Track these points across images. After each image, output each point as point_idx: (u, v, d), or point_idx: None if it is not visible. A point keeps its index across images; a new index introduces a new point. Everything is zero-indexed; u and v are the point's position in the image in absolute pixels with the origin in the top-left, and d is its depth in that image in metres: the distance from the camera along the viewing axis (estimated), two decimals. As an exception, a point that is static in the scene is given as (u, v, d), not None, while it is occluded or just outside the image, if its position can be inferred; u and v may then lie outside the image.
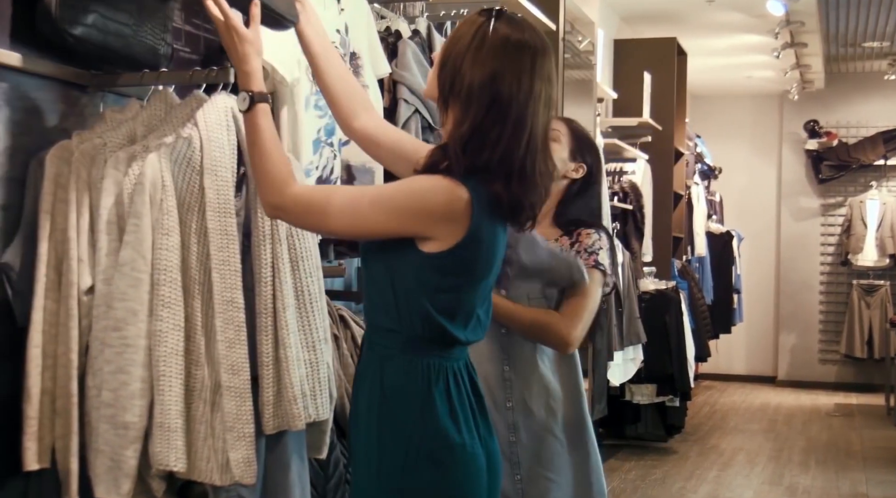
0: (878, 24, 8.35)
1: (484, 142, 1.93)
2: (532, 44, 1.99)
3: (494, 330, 2.71)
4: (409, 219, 1.91)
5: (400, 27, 3.31)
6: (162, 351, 2.07)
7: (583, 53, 5.75)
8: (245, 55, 1.99)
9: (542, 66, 1.99)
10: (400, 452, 1.96)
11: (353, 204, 1.92)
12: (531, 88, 1.96)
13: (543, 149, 2.00)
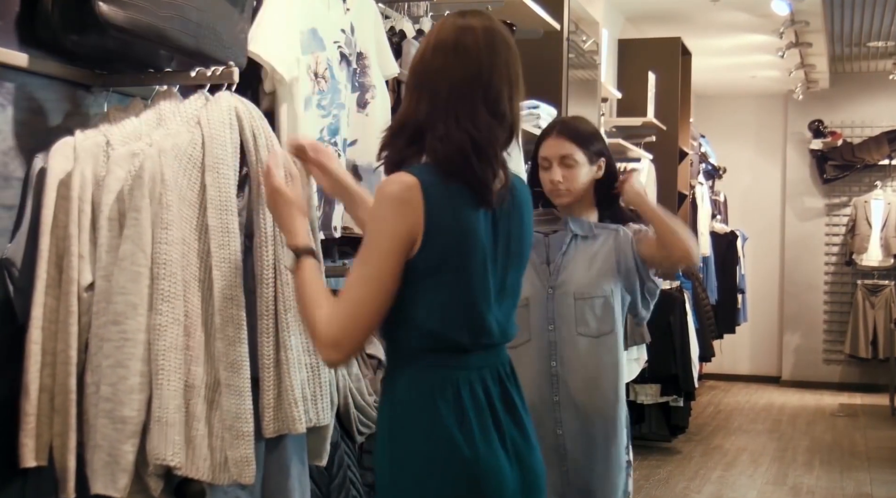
0: (884, 24, 8.33)
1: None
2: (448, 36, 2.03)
3: (542, 326, 2.94)
4: (395, 246, 1.93)
5: (404, 27, 3.31)
6: (161, 345, 2.07)
7: (587, 53, 5.75)
8: (289, 215, 2.10)
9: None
10: (410, 467, 1.97)
11: (364, 282, 1.94)
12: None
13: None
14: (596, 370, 2.93)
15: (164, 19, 2.19)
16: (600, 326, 2.94)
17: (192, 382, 2.12)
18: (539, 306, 2.95)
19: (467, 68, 1.99)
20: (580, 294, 2.93)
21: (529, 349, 2.94)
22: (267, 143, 2.27)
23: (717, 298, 9.33)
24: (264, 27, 2.53)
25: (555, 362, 2.92)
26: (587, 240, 2.99)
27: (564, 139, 2.96)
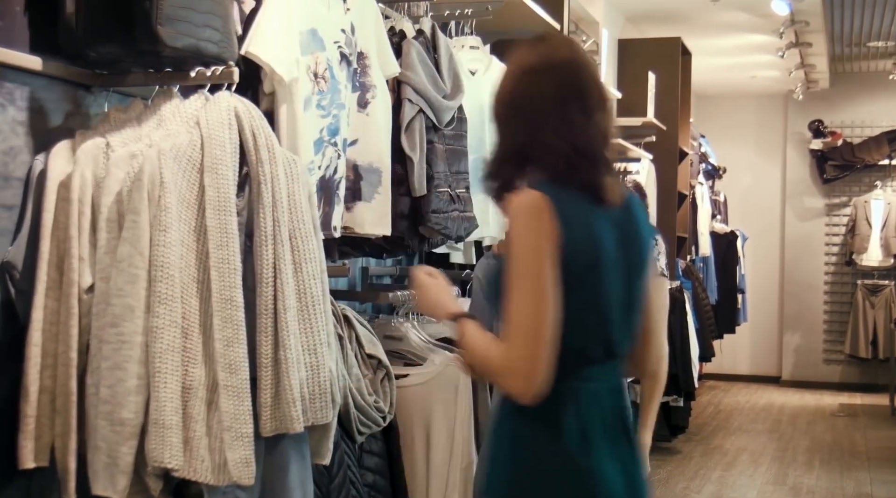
0: (884, 24, 8.33)
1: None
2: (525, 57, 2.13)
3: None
4: (544, 256, 1.95)
5: (404, 27, 3.31)
6: (158, 347, 2.07)
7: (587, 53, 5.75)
8: (436, 296, 2.21)
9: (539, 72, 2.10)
10: (529, 474, 2.01)
11: (527, 302, 1.95)
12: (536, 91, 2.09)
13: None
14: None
15: (199, 32, 2.23)
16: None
17: (189, 384, 2.12)
18: None
19: (557, 83, 2.07)
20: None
21: None
22: (267, 143, 2.27)
23: (717, 298, 9.33)
24: (264, 28, 2.53)
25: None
26: None
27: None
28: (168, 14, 2.14)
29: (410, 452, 3.18)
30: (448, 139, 3.32)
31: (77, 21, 2.19)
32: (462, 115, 3.41)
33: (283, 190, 2.27)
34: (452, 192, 3.29)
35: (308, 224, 2.33)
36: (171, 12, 2.14)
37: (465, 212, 3.36)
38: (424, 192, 3.16)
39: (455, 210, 3.29)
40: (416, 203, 3.17)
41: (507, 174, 2.11)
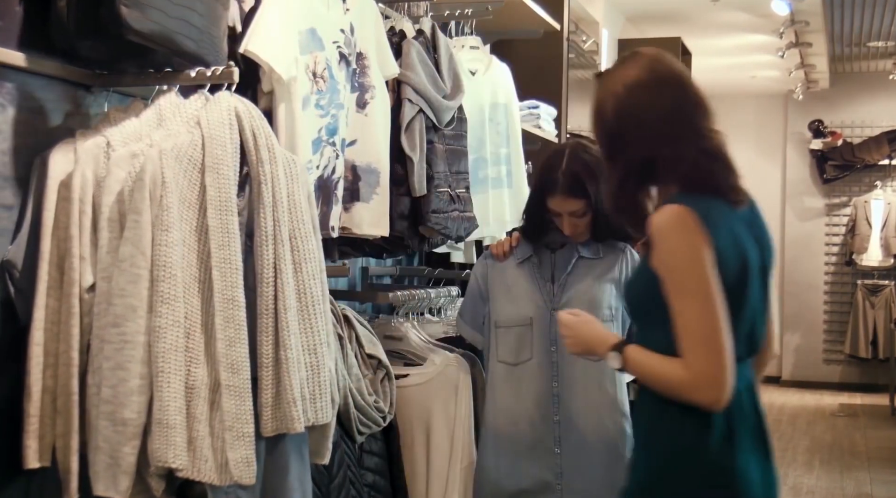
0: (884, 24, 8.33)
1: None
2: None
3: (545, 346, 2.95)
4: (705, 267, 2.02)
5: (404, 27, 3.31)
6: (161, 347, 2.07)
7: (587, 53, 5.75)
8: (588, 333, 2.28)
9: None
10: (673, 469, 2.08)
11: (701, 313, 2.00)
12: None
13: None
14: (597, 394, 2.94)
15: (174, 24, 2.20)
16: None
17: (192, 384, 2.12)
18: (542, 326, 2.95)
19: (676, 93, 2.14)
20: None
21: (531, 368, 2.96)
22: (267, 143, 2.27)
23: (717, 297, 9.32)
24: (262, 27, 2.53)
25: (556, 383, 2.94)
26: (593, 261, 3.00)
27: (571, 197, 2.90)
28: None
29: (410, 452, 3.18)
30: (448, 139, 3.32)
31: (68, 15, 2.18)
32: (462, 116, 3.41)
33: (283, 190, 2.28)
34: (452, 192, 3.29)
35: (308, 224, 2.33)
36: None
37: (465, 212, 3.37)
38: (424, 192, 3.16)
39: (455, 210, 3.29)
40: (416, 203, 3.17)
41: (632, 190, 2.17)
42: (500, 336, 3.00)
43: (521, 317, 2.98)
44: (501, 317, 3.01)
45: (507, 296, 3.02)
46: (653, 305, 2.09)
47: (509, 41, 4.45)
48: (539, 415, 2.93)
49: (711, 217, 2.05)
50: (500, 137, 3.85)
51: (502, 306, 3.02)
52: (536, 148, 4.26)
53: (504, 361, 2.98)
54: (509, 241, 3.09)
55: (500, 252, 3.07)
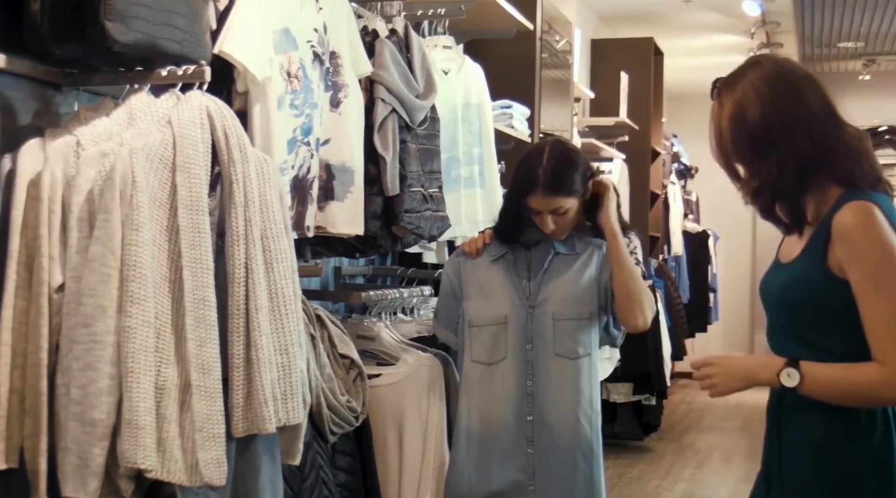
0: (853, 25, 8.41)
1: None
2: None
3: (520, 345, 2.92)
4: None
5: (377, 26, 3.30)
6: (130, 347, 2.06)
7: (560, 53, 5.76)
8: (743, 369, 2.30)
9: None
10: (839, 474, 2.13)
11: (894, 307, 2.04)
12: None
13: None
14: (572, 393, 2.93)
15: (157, 30, 2.20)
16: (578, 349, 2.94)
17: (162, 384, 2.11)
18: (518, 325, 2.94)
19: (815, 92, 2.22)
20: (559, 315, 2.93)
21: (506, 367, 2.94)
22: (239, 143, 2.27)
23: (689, 297, 9.38)
24: (237, 27, 2.52)
25: (530, 381, 2.92)
26: (569, 257, 2.99)
27: (553, 196, 2.90)
28: (119, 9, 2.11)
29: (383, 452, 3.18)
30: (421, 139, 3.32)
31: (42, 19, 2.17)
32: (435, 115, 3.41)
33: (255, 190, 2.27)
34: (425, 191, 3.29)
35: (279, 224, 2.33)
36: (123, 8, 2.11)
37: (438, 211, 3.37)
38: (397, 191, 3.16)
39: (428, 209, 3.30)
40: (388, 203, 3.17)
41: (790, 190, 2.16)
42: (475, 335, 2.98)
43: (496, 315, 2.96)
44: (476, 316, 2.99)
45: (482, 294, 3.00)
46: (825, 308, 2.12)
47: (482, 41, 4.45)
48: (512, 415, 2.93)
49: (892, 212, 2.10)
50: (473, 137, 3.86)
51: (476, 305, 3.00)
52: (509, 147, 4.27)
53: (478, 360, 2.97)
54: (482, 238, 3.06)
55: (472, 249, 3.04)
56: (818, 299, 2.13)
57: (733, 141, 2.22)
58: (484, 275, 3.01)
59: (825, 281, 2.11)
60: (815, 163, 2.15)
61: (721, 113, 2.25)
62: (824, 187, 2.15)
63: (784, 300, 2.22)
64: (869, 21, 8.24)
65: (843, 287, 2.09)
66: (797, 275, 2.19)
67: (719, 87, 2.27)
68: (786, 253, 2.28)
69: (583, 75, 7.28)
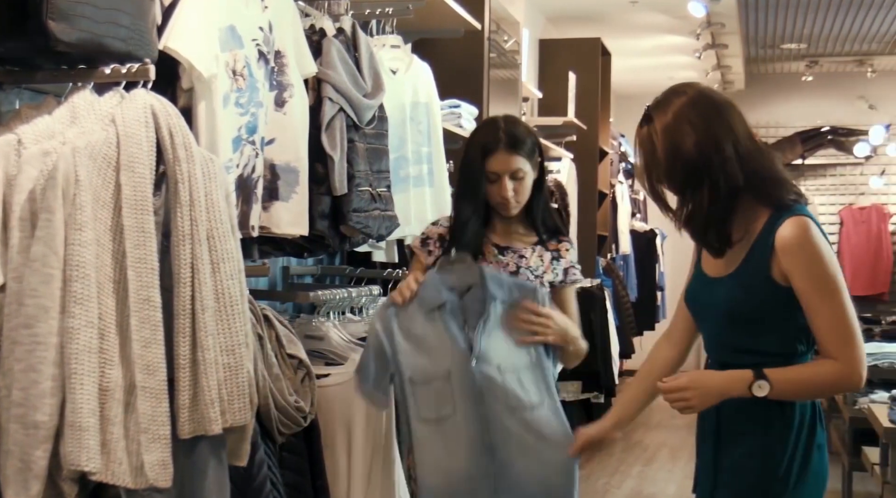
0: (796, 27, 8.53)
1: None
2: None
3: (470, 397, 2.71)
4: (838, 269, 2.29)
5: (325, 25, 3.29)
6: (73, 348, 2.03)
7: (508, 53, 5.78)
8: (717, 386, 2.33)
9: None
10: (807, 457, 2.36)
11: (847, 312, 2.25)
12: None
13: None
14: (537, 443, 2.72)
15: (102, 28, 2.17)
16: (532, 398, 2.74)
17: (106, 386, 2.09)
18: (463, 379, 2.72)
19: (739, 119, 2.32)
20: (505, 367, 2.73)
21: (457, 423, 2.72)
22: (184, 142, 2.25)
23: (636, 295, 9.46)
24: (182, 23, 2.50)
25: (487, 434, 2.71)
26: (506, 304, 2.78)
27: (514, 154, 2.84)
28: (62, 9, 2.08)
29: (332, 452, 3.17)
30: (369, 138, 3.31)
31: None
32: (383, 114, 3.41)
33: (201, 189, 2.25)
34: (373, 190, 3.29)
35: (226, 223, 2.31)
36: (66, 7, 2.08)
37: (387, 211, 3.37)
38: (345, 191, 3.15)
39: (376, 209, 3.29)
40: (336, 202, 3.16)
41: (721, 215, 2.31)
42: (417, 393, 2.74)
43: (438, 371, 2.73)
44: (415, 372, 2.74)
45: (419, 348, 2.75)
46: (768, 314, 2.31)
47: (430, 40, 4.46)
48: (475, 467, 2.72)
49: (817, 221, 2.28)
50: (422, 136, 3.86)
51: (414, 360, 2.75)
52: (458, 147, 4.27)
53: (426, 418, 2.74)
54: (412, 281, 2.80)
55: (403, 298, 2.77)
56: (764, 307, 2.32)
57: (668, 170, 2.33)
58: (419, 327, 2.76)
59: (769, 290, 2.30)
60: (744, 188, 2.29)
61: (651, 141, 2.36)
62: (751, 207, 2.32)
63: (733, 310, 2.37)
64: (811, 23, 8.37)
65: (784, 294, 2.28)
66: (743, 286, 2.35)
67: (649, 113, 2.39)
68: (714, 267, 2.43)
69: (531, 75, 7.31)
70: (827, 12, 7.98)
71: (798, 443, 2.33)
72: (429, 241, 3.01)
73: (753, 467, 2.35)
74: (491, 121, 3.00)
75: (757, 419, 2.35)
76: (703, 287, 2.47)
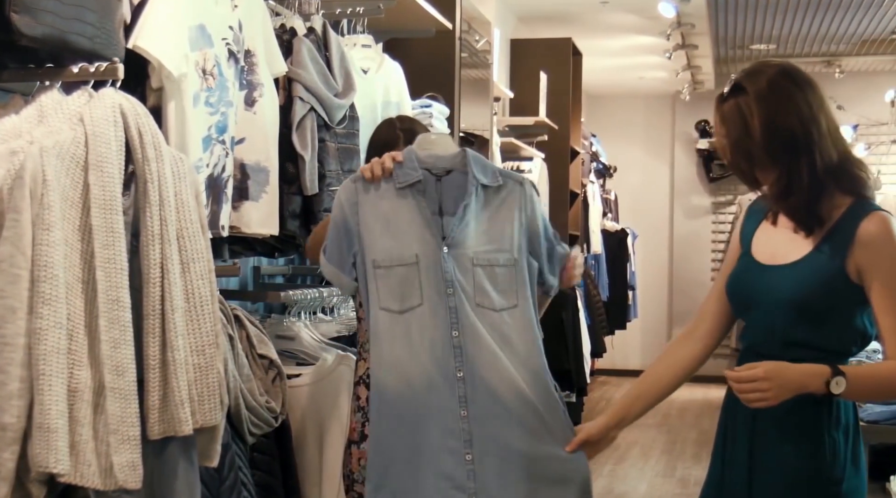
0: (766, 27, 8.59)
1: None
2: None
3: (438, 289, 2.44)
4: None
5: (295, 25, 3.29)
6: (42, 349, 2.02)
7: (480, 52, 5.79)
8: (792, 380, 2.18)
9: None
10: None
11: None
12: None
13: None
14: (505, 351, 2.43)
15: (67, 24, 2.15)
16: (503, 300, 2.47)
17: (75, 387, 2.07)
18: (432, 267, 2.44)
19: (824, 99, 2.26)
20: (479, 260, 2.47)
21: (422, 315, 2.43)
22: (153, 141, 2.24)
23: (608, 294, 9.49)
24: (151, 22, 2.48)
25: (456, 332, 2.41)
26: (490, 190, 2.52)
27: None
28: (26, 2, 2.06)
29: (303, 452, 3.16)
30: (340, 138, 3.31)
31: None
32: (354, 114, 3.41)
33: (170, 189, 2.24)
34: (345, 190, 3.27)
35: (195, 223, 2.30)
36: (30, 1, 2.07)
37: (358, 210, 3.35)
38: (316, 190, 3.15)
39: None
40: (307, 202, 3.15)
41: (819, 191, 2.23)
42: (380, 278, 2.44)
43: (405, 255, 2.45)
44: (380, 255, 2.45)
45: (386, 229, 2.47)
46: (832, 308, 2.22)
47: (402, 40, 4.45)
48: (438, 371, 2.40)
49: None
50: (393, 136, 3.85)
51: (381, 242, 2.46)
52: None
53: (387, 308, 2.43)
54: (389, 158, 2.51)
55: (376, 174, 2.49)
56: (830, 298, 2.23)
57: (766, 142, 2.24)
58: (388, 205, 2.48)
59: (840, 282, 2.21)
60: (836, 168, 2.23)
61: (741, 114, 2.27)
62: (832, 193, 2.24)
63: (797, 298, 2.25)
64: (780, 24, 8.42)
65: (851, 290, 2.21)
66: (813, 273, 2.25)
67: (740, 83, 2.29)
68: (770, 255, 2.33)
69: (502, 75, 7.32)
70: (795, 13, 8.04)
71: (847, 443, 2.26)
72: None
73: (802, 468, 2.26)
74: (384, 124, 3.07)
75: (804, 417, 2.25)
76: (757, 274, 2.33)
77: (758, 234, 2.37)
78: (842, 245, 2.20)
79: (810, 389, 2.16)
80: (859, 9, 7.89)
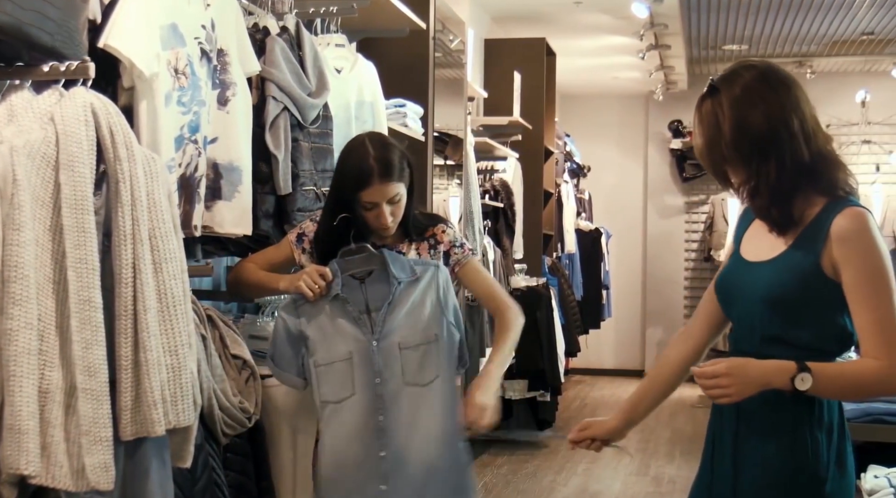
0: (738, 28, 8.64)
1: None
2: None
3: (368, 380, 2.82)
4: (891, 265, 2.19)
5: (268, 24, 3.28)
6: (12, 350, 2.00)
7: (454, 52, 5.79)
8: (756, 376, 2.17)
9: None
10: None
11: (889, 308, 2.15)
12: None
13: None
14: (428, 420, 2.82)
15: (26, 15, 2.13)
16: (428, 374, 2.84)
17: (47, 388, 2.06)
18: (364, 360, 2.83)
19: (801, 98, 2.26)
20: (406, 343, 2.83)
21: (354, 404, 2.82)
22: (125, 141, 2.22)
23: (582, 294, 9.52)
24: (123, 21, 2.47)
25: (381, 416, 2.80)
26: (411, 284, 2.86)
27: (389, 182, 2.83)
28: None
29: (277, 453, 3.15)
30: (313, 137, 3.30)
31: None
32: (327, 113, 3.40)
33: (142, 188, 2.23)
34: (318, 190, 3.27)
35: (168, 223, 2.29)
36: None
37: (332, 210, 3.35)
38: (290, 190, 3.14)
39: (321, 208, 3.28)
40: (281, 201, 3.15)
41: (787, 191, 2.23)
42: (321, 375, 2.85)
43: (341, 352, 2.84)
44: (320, 356, 2.85)
45: (323, 335, 2.86)
46: (808, 304, 2.20)
47: (375, 39, 4.45)
48: (364, 452, 2.81)
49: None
50: (367, 136, 3.84)
51: (319, 345, 2.86)
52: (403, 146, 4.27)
53: (327, 400, 2.85)
54: (317, 276, 2.85)
55: (317, 294, 2.84)
56: (805, 295, 2.21)
57: (734, 143, 2.26)
58: (324, 315, 2.86)
59: (815, 278, 2.20)
60: (808, 168, 2.22)
61: (716, 115, 2.32)
62: (807, 192, 2.24)
63: (772, 295, 2.25)
64: (752, 25, 8.48)
65: (829, 286, 2.19)
66: (788, 271, 2.24)
67: (715, 85, 2.36)
68: (754, 252, 2.34)
69: (476, 75, 7.33)
70: (767, 14, 8.10)
71: (831, 443, 2.23)
72: (304, 239, 3.01)
73: (782, 467, 2.25)
74: (357, 146, 2.90)
75: (785, 416, 2.23)
76: (740, 271, 2.36)
77: (748, 233, 2.39)
78: (816, 241, 2.20)
79: (774, 385, 2.16)
80: (830, 10, 7.95)
